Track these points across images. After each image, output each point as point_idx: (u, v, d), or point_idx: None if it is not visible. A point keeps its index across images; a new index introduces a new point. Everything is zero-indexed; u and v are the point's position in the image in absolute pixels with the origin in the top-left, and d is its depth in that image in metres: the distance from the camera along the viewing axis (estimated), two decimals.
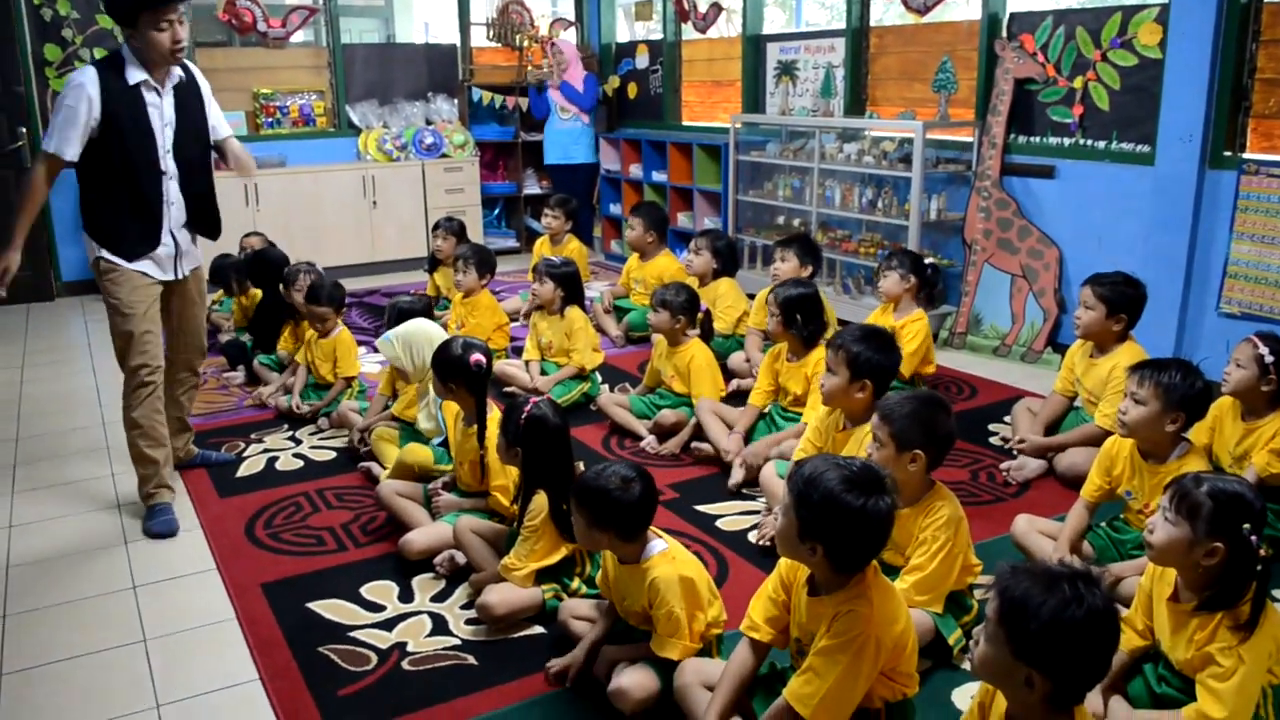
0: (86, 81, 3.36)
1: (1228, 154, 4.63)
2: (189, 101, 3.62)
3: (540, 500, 2.87)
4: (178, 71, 3.56)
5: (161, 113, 3.51)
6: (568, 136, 8.33)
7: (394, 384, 4.28)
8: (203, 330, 3.95)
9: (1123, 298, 3.80)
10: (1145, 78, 4.92)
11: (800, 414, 3.96)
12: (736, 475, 3.81)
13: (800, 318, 3.98)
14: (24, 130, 7.00)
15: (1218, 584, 2.14)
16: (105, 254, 3.54)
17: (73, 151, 3.37)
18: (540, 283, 4.88)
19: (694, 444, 4.13)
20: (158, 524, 3.58)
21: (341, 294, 4.77)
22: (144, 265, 3.58)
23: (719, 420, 4.10)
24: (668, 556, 2.48)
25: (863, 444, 3.08)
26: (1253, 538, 2.07)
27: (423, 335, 3.89)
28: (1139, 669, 2.36)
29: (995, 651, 1.72)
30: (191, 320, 3.88)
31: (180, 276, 3.72)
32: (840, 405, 3.30)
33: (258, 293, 5.55)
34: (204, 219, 3.77)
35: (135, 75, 3.43)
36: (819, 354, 3.92)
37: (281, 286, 5.03)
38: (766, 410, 4.13)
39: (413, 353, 3.87)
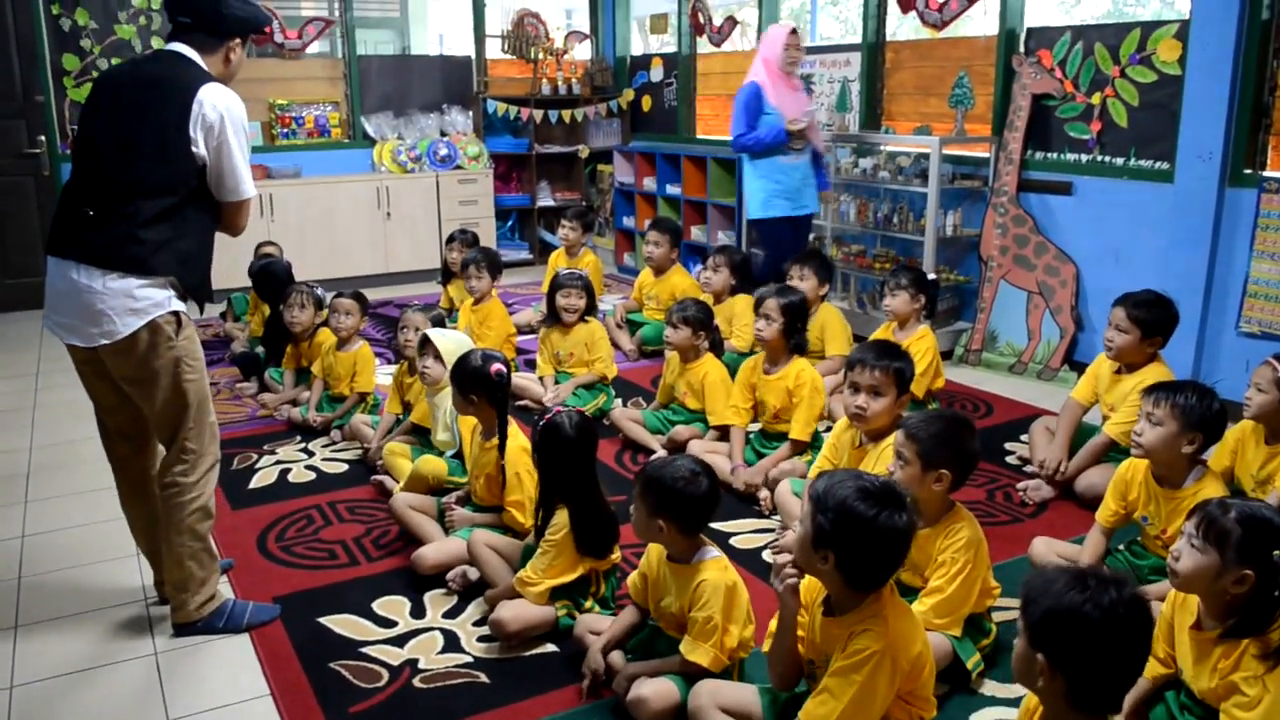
0: None
1: (1248, 172, 4.60)
2: None
3: (562, 517, 2.85)
4: None
5: None
6: (800, 175, 5.75)
7: (403, 397, 4.28)
8: (166, 422, 2.85)
9: (1159, 320, 3.71)
10: (1164, 94, 4.89)
11: (783, 432, 3.94)
12: (764, 494, 3.78)
13: (800, 325, 4.04)
14: (43, 139, 7.05)
15: (1244, 611, 2.11)
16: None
17: None
18: (578, 297, 4.90)
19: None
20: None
21: (364, 299, 4.78)
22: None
23: (714, 455, 4.04)
24: (720, 564, 2.50)
25: (879, 461, 3.06)
26: None
27: (469, 343, 3.85)
28: (1161, 697, 2.33)
29: (1019, 643, 1.76)
30: (124, 408, 2.93)
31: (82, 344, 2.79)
32: (880, 424, 3.24)
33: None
34: None
35: None
36: (798, 365, 3.96)
37: (281, 306, 5.02)
38: (748, 434, 4.10)
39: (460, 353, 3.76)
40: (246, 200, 2.88)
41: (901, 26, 6.67)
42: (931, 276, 4.76)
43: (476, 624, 3.00)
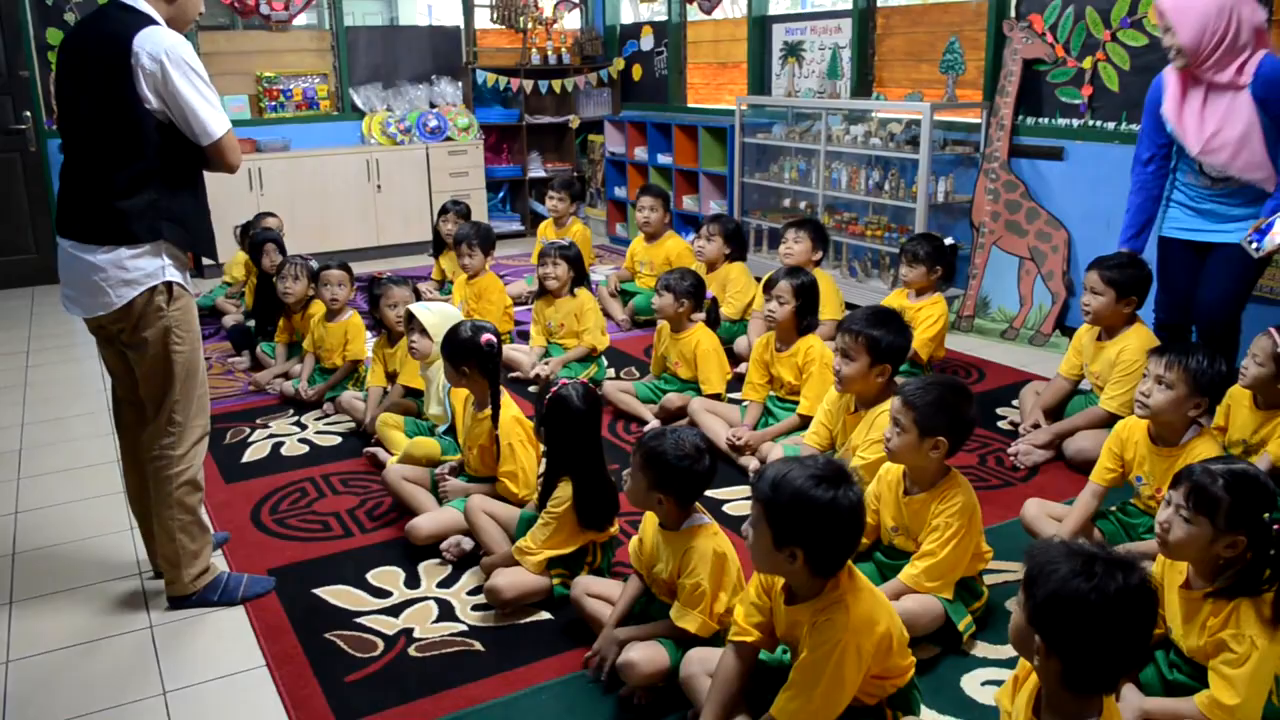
0: None
1: None
2: None
3: (565, 489, 2.85)
4: None
5: None
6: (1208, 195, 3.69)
7: (387, 368, 4.28)
8: (153, 391, 2.86)
9: (1131, 280, 3.75)
10: (1156, 58, 4.85)
11: (797, 403, 3.93)
12: (753, 464, 3.78)
13: (812, 306, 3.94)
14: (29, 115, 6.99)
15: (1238, 572, 2.12)
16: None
17: None
18: (554, 265, 4.87)
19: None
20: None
21: (350, 269, 4.76)
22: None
23: (713, 415, 4.07)
24: (709, 531, 2.50)
25: (874, 426, 3.07)
26: (1275, 526, 2.05)
27: (455, 314, 3.84)
28: (1150, 656, 2.35)
29: (1019, 615, 1.75)
30: (131, 375, 2.93)
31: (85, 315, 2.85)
32: (857, 390, 3.27)
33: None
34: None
35: None
36: (808, 342, 3.91)
37: (273, 279, 5.01)
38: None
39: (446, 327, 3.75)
40: (222, 138, 2.74)
41: None
42: (949, 242, 4.70)
43: (471, 593, 3.01)
